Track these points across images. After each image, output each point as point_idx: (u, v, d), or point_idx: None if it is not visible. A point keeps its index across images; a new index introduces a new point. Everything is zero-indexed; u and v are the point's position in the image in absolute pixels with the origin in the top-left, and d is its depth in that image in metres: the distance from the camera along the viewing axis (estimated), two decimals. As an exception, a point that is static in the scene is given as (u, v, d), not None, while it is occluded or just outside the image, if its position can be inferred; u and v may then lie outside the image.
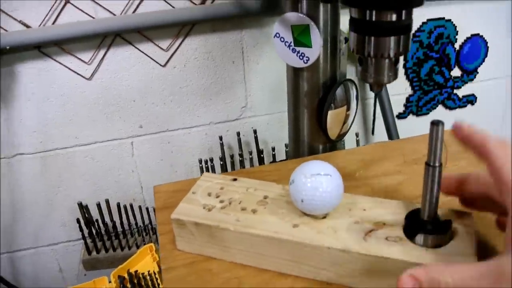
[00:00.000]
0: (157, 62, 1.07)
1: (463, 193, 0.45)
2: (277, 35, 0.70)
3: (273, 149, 1.16)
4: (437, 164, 0.40)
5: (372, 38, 0.49)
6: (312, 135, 0.78)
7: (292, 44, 0.69)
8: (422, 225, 0.43)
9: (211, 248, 0.52)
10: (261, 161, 1.16)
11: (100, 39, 1.03)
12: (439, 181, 0.41)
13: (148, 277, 1.00)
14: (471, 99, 1.40)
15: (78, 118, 1.09)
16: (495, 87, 1.40)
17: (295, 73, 0.75)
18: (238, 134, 1.15)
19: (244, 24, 1.09)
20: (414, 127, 1.36)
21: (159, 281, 0.99)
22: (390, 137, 1.21)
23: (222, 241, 0.50)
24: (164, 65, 1.08)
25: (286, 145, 1.20)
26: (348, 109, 0.77)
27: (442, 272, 0.35)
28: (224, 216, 0.50)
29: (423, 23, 1.23)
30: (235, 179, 0.57)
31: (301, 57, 0.70)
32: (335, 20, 0.70)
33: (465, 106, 1.41)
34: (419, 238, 0.43)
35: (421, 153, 0.71)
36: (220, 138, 1.14)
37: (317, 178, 0.47)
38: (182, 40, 1.06)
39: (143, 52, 1.06)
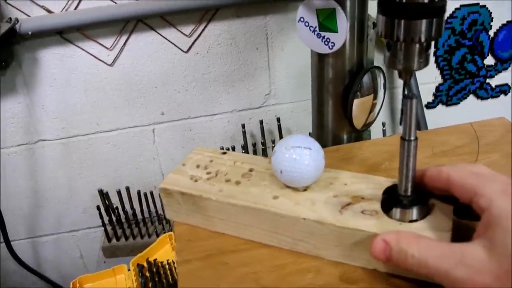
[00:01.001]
0: (179, 48, 1.05)
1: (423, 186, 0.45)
2: (301, 19, 0.67)
3: (297, 138, 1.13)
4: (412, 138, 0.41)
5: (402, 21, 0.46)
6: (336, 124, 0.75)
7: (317, 29, 0.66)
8: (398, 200, 0.43)
9: (195, 217, 0.53)
10: (284, 150, 1.13)
11: (122, 25, 1.01)
12: (415, 155, 0.42)
13: (166, 266, 0.99)
14: (504, 89, 1.34)
15: (99, 105, 1.08)
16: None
17: (319, 59, 0.72)
18: (261, 122, 1.12)
19: (268, 9, 1.06)
20: (444, 117, 1.31)
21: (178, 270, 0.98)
22: (418, 127, 1.17)
23: (205, 210, 0.51)
24: (187, 51, 1.06)
25: (310, 134, 1.17)
26: (375, 97, 0.73)
27: (410, 244, 0.37)
28: (208, 187, 0.52)
29: (456, 9, 1.18)
30: (224, 153, 0.58)
31: (326, 43, 0.67)
32: (363, 4, 0.67)
33: (498, 96, 1.35)
34: (395, 212, 0.43)
35: (450, 145, 0.67)
36: (243, 126, 1.12)
37: (297, 150, 0.48)
38: (205, 26, 1.04)
39: (165, 38, 1.04)
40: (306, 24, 0.67)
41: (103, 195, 1.07)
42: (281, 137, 1.15)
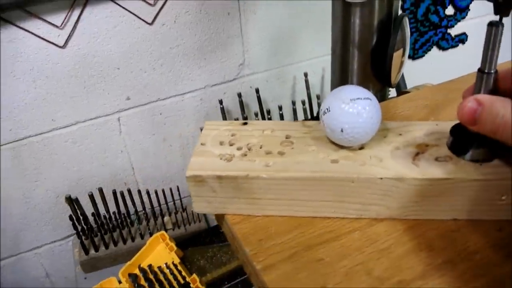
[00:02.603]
0: (143, 20, 0.91)
1: None
2: (331, -37, 0.57)
3: (280, 107, 1.04)
4: (492, 71, 0.37)
5: None
6: (363, 81, 0.67)
7: (352, -28, 0.57)
8: (473, 139, 0.40)
9: (237, 204, 0.46)
10: (268, 124, 1.03)
11: (73, -3, 0.84)
12: (494, 91, 0.39)
13: (167, 271, 0.87)
14: (462, 38, 1.34)
15: (53, 96, 0.91)
16: (483, 25, 1.35)
17: (345, 10, 0.62)
18: (240, 95, 1.01)
19: (238, -33, 0.94)
20: (411, 72, 1.28)
21: (183, 273, 0.86)
22: (398, 85, 1.12)
23: (251, 192, 0.44)
24: (151, 23, 0.92)
25: (293, 102, 1.08)
26: (403, 53, 0.66)
27: (504, 107, 0.35)
28: (249, 164, 0.44)
29: (421, -43, 1.14)
30: (245, 123, 0.51)
31: (362, -12, 0.57)
32: None
33: (457, 45, 1.35)
34: (473, 153, 0.40)
35: None
36: (220, 102, 1.00)
37: (358, 102, 0.43)
38: (171, -9, 0.90)
39: (125, 9, 0.88)
40: (337, -32, 0.57)
41: (72, 202, 0.91)
42: (261, 110, 1.05)
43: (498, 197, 0.40)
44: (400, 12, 0.65)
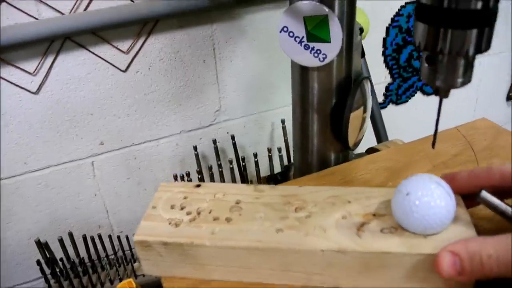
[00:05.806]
0: (116, 67, 0.91)
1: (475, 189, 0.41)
2: (285, 29, 0.58)
3: (255, 155, 1.04)
4: None
5: (449, 31, 0.38)
6: (324, 144, 0.67)
7: (305, 39, 0.57)
8: None
9: (184, 268, 0.45)
10: (243, 170, 1.03)
11: (46, 44, 0.85)
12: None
13: (131, 321, 0.86)
14: (447, 83, 1.34)
15: (26, 140, 0.91)
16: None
17: (303, 74, 0.63)
18: (215, 141, 1.01)
19: (214, 17, 0.95)
20: (395, 117, 1.29)
21: (146, 325, 0.85)
22: (377, 129, 1.12)
23: (197, 258, 0.44)
24: (125, 70, 0.93)
25: (268, 150, 1.08)
26: (365, 110, 0.66)
27: (483, 245, 0.34)
28: (196, 230, 0.44)
29: (402, 6, 1.15)
30: (198, 185, 0.51)
31: (316, 55, 0.58)
32: (352, 9, 0.59)
33: (441, 90, 1.35)
34: None
35: (447, 155, 0.64)
36: (195, 148, 1.00)
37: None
38: (145, 40, 0.91)
39: (99, 57, 0.89)
40: (291, 34, 0.57)
41: (42, 246, 0.90)
42: (236, 155, 1.05)
43: None
44: (363, 73, 0.65)
